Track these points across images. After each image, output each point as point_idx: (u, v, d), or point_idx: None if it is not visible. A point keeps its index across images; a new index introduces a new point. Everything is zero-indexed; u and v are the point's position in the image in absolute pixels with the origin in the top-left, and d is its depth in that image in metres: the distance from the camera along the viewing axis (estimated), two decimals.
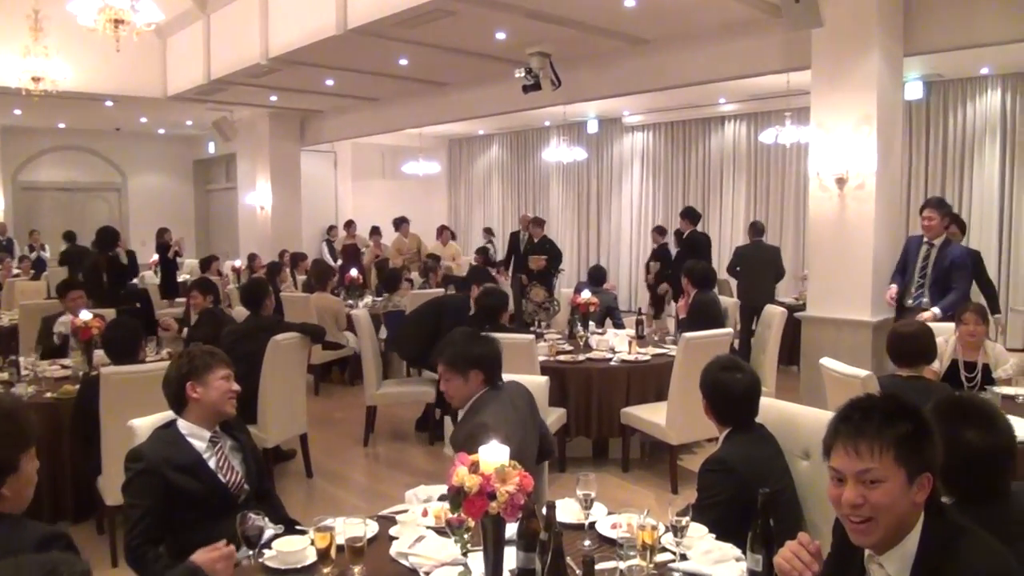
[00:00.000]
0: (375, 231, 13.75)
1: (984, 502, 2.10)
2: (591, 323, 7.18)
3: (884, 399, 1.91)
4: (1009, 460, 2.18)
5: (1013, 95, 10.56)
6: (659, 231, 11.68)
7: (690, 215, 10.13)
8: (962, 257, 6.19)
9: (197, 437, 2.98)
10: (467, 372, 3.32)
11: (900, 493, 1.81)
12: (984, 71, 10.55)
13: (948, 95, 11.11)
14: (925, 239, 6.30)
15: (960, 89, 11.01)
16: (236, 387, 3.09)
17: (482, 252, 13.28)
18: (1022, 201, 10.54)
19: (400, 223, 13.19)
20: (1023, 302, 10.52)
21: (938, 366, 4.88)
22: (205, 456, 2.96)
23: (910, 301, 6.31)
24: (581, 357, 6.19)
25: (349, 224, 14.61)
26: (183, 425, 3.00)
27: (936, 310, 5.99)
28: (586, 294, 7.22)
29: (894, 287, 6.43)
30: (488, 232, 15.68)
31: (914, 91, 10.84)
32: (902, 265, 6.50)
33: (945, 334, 5.04)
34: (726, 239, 13.60)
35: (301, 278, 11.01)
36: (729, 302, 7.46)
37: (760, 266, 9.32)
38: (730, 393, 3.03)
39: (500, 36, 8.79)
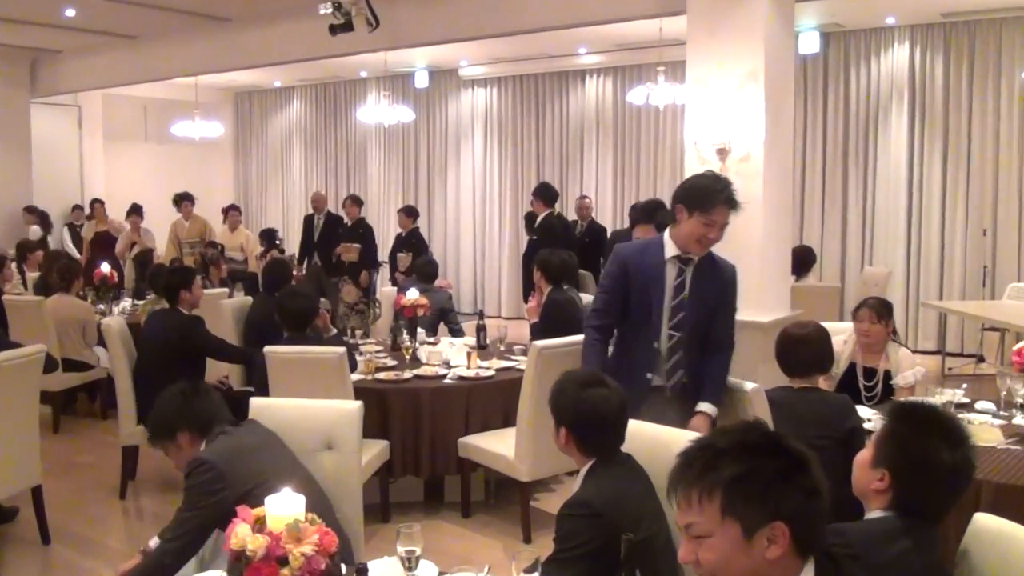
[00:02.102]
0: (135, 210, 13.21)
1: (933, 522, 2.45)
2: (420, 330, 7.19)
3: (725, 436, 1.99)
4: (969, 482, 2.54)
5: (923, 49, 11.35)
6: (407, 212, 11.85)
7: (544, 194, 10.30)
8: (733, 277, 4.50)
9: None
10: (175, 440, 3.60)
11: (733, 551, 1.87)
12: (890, 21, 11.27)
13: (849, 49, 11.81)
14: (682, 253, 4.32)
15: (863, 42, 11.73)
16: None
17: (269, 237, 12.99)
18: (932, 174, 11.33)
19: (182, 201, 12.78)
20: (935, 295, 11.30)
21: (834, 371, 5.17)
22: None
23: (656, 377, 4.37)
24: (407, 374, 6.18)
25: (95, 204, 13.97)
26: None
27: (708, 407, 4.29)
28: (413, 293, 7.22)
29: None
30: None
31: (809, 43, 11.46)
32: (618, 305, 4.41)
33: (844, 334, 5.35)
34: None
35: (32, 275, 10.50)
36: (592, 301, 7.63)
37: None
38: (598, 416, 3.10)
39: None
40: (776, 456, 1.90)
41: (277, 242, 13.24)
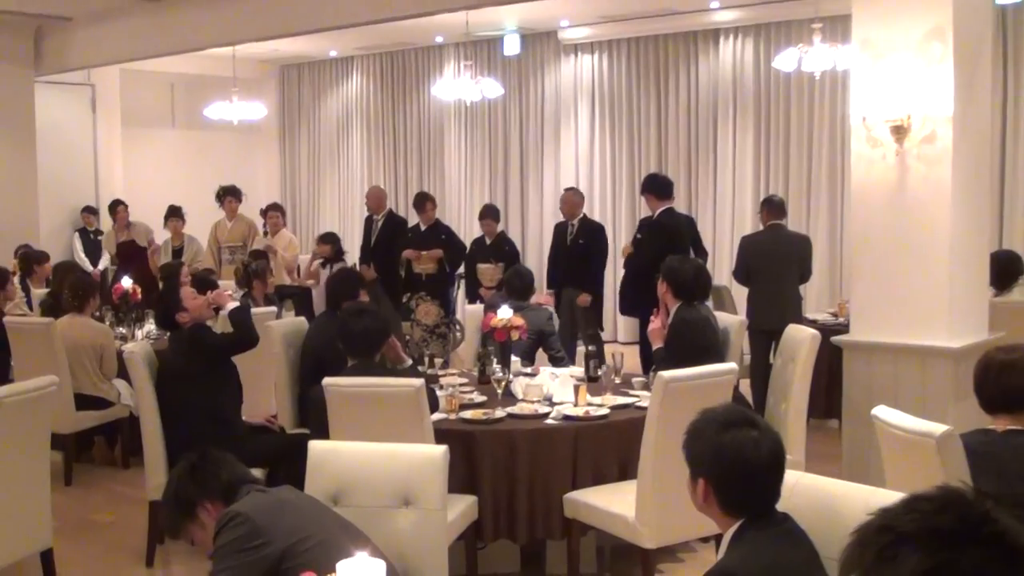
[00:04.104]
0: (174, 213, 13.35)
1: None
2: (514, 358, 7.21)
3: (911, 514, 1.80)
4: None
5: None
6: (494, 215, 11.85)
7: (653, 186, 10.10)
8: None
9: None
10: (196, 518, 3.69)
11: None
12: None
13: None
14: None
15: None
16: None
17: (330, 240, 13.19)
18: None
19: (225, 196, 12.92)
20: None
21: None
22: None
23: None
24: (499, 413, 6.19)
25: (117, 207, 14.17)
26: None
27: None
28: (505, 312, 7.23)
29: None
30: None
31: None
32: None
33: None
34: (725, 222, 13.79)
35: (39, 292, 10.75)
36: (732, 321, 7.56)
37: (781, 266, 9.49)
38: (744, 465, 3.08)
39: None
40: (978, 546, 1.73)
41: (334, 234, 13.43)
